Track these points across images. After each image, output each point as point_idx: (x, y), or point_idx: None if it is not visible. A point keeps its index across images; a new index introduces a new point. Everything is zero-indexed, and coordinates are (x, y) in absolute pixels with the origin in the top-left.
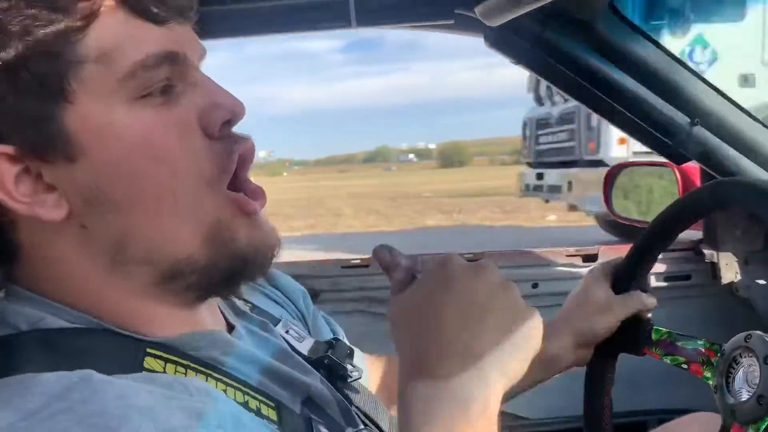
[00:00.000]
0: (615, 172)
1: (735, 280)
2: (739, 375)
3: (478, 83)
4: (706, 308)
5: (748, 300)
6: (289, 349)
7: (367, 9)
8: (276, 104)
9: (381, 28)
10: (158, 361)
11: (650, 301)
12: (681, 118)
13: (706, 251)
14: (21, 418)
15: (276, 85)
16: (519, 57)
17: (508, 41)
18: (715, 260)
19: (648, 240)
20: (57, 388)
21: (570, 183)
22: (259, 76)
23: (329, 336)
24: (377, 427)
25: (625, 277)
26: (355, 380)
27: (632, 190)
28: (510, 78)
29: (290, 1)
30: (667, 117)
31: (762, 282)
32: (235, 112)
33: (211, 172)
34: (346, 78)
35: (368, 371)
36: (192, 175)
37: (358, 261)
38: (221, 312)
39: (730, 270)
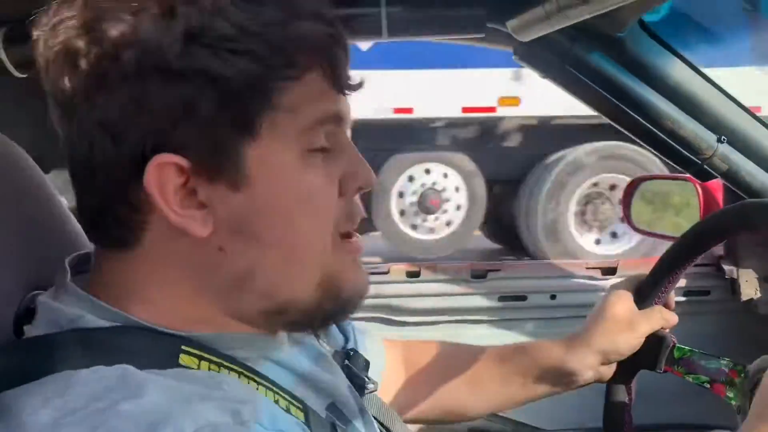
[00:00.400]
0: (635, 184)
1: (755, 297)
2: None
3: None
4: (725, 324)
5: (766, 317)
6: (321, 348)
7: (399, 20)
8: None
9: (412, 39)
10: (193, 358)
11: (673, 317)
12: (708, 135)
13: (726, 267)
14: (61, 416)
15: None
16: (547, 71)
17: (537, 55)
18: (735, 276)
19: (674, 256)
20: (97, 387)
21: None
22: None
23: (341, 341)
24: None
25: (649, 293)
26: (371, 392)
27: (651, 203)
28: None
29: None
30: (693, 134)
31: None
32: (369, 182)
33: (343, 230)
34: None
35: (385, 355)
36: (326, 228)
37: (376, 267)
38: None
39: (750, 287)
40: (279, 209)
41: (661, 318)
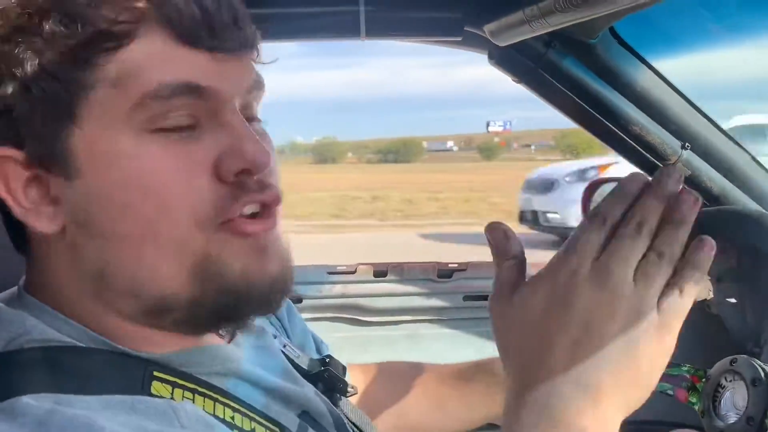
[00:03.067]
0: (595, 186)
1: (707, 298)
2: (726, 398)
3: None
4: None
5: (718, 317)
6: (286, 361)
7: (378, 21)
8: None
9: (390, 40)
10: (165, 385)
11: None
12: (672, 141)
13: None
14: None
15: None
16: (521, 75)
17: (512, 60)
18: None
19: None
20: (40, 413)
21: None
22: None
23: (314, 351)
24: None
25: None
26: (352, 395)
27: None
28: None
29: (301, 9)
30: (659, 140)
31: (732, 300)
32: (255, 163)
33: (206, 213)
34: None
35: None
36: (181, 215)
37: (344, 267)
38: None
39: (703, 288)
40: (114, 199)
41: None
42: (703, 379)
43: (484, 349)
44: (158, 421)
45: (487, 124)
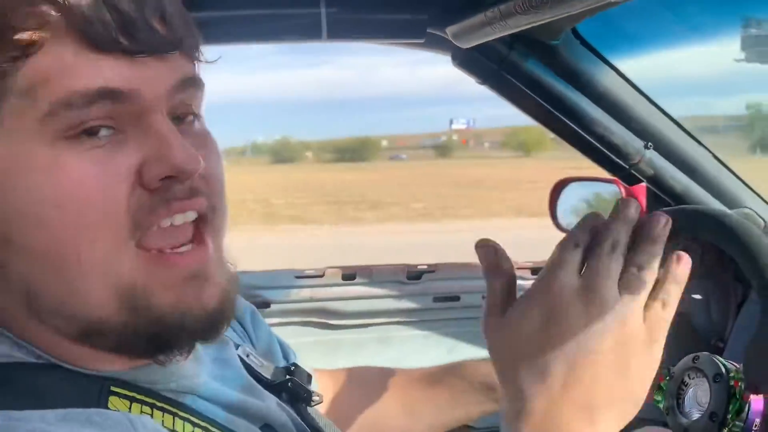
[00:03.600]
0: (561, 185)
1: None
2: (689, 395)
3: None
4: None
5: (683, 313)
6: (246, 374)
7: (340, 22)
8: None
9: (351, 42)
10: (123, 400)
11: None
12: (636, 141)
13: None
14: None
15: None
16: (484, 77)
17: (475, 61)
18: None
19: None
20: None
21: None
22: None
23: (280, 358)
24: None
25: None
26: (317, 404)
27: (577, 204)
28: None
29: (261, 11)
30: (622, 140)
31: (697, 297)
32: (180, 168)
33: (126, 224)
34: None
35: (316, 386)
36: (103, 230)
37: (312, 271)
38: None
39: None
40: (30, 216)
41: None
42: (668, 378)
43: (454, 350)
44: None
45: (450, 122)
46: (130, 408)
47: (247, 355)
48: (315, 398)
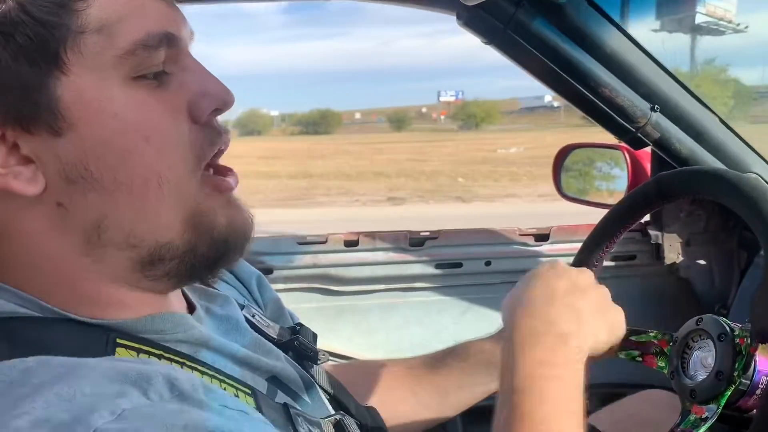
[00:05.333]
0: (565, 152)
1: (677, 261)
2: (693, 358)
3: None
4: (649, 287)
5: (687, 280)
6: (253, 331)
7: None
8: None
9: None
10: (130, 351)
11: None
12: (642, 104)
13: (652, 232)
14: None
15: (216, 44)
16: (490, 37)
17: (481, 20)
18: (660, 241)
19: (599, 234)
20: (15, 374)
21: None
22: (197, 33)
23: (288, 321)
24: (346, 410)
25: (586, 261)
26: (324, 362)
27: (581, 171)
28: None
29: None
30: (629, 102)
31: (701, 262)
32: (225, 101)
33: (194, 157)
34: (286, 40)
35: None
36: (177, 158)
37: (315, 237)
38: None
39: (672, 251)
40: (113, 146)
41: None
42: (671, 343)
43: (457, 316)
44: (138, 364)
45: (438, 94)
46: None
47: (253, 316)
48: (321, 356)
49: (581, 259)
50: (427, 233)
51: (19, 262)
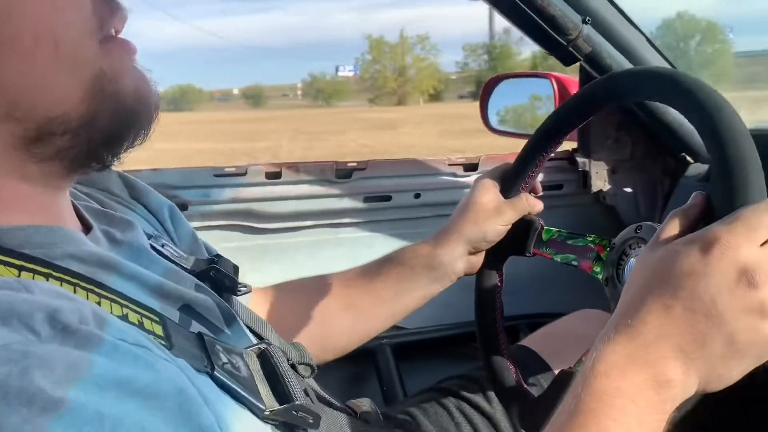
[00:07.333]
0: (492, 84)
1: (603, 189)
2: (630, 265)
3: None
4: (577, 217)
5: (613, 207)
6: (161, 258)
7: None
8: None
9: None
10: (10, 269)
11: (538, 203)
12: (574, 15)
13: (579, 160)
14: None
15: (143, 20)
16: None
17: None
18: (587, 169)
19: (539, 139)
20: None
21: None
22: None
23: (204, 254)
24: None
25: (514, 181)
26: (245, 293)
27: (509, 102)
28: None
29: None
30: (561, 13)
31: (627, 190)
32: None
33: (94, 21)
34: (217, 15)
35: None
36: (77, 17)
37: (233, 169)
38: (76, 211)
39: (599, 178)
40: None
41: (526, 204)
42: (608, 249)
43: (387, 252)
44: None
45: (336, 68)
46: (19, 276)
47: (162, 246)
48: (241, 288)
49: (517, 169)
50: (354, 164)
51: None
